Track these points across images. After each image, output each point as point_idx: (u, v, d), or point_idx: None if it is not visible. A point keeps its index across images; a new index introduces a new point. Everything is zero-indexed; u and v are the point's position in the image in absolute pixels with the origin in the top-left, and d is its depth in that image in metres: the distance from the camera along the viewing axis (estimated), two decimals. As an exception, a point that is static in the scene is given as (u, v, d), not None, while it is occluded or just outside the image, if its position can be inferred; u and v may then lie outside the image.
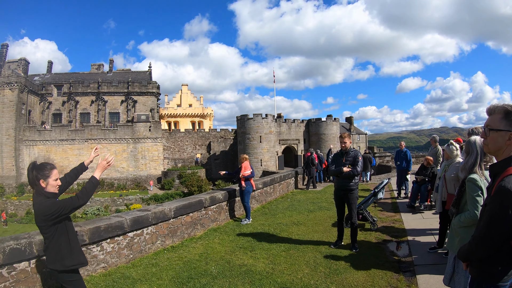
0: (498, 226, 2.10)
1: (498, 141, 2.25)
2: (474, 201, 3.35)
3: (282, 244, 6.73)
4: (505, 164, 2.21)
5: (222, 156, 54.83)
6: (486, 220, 2.17)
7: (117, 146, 50.85)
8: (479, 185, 3.32)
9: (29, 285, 4.39)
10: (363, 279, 4.91)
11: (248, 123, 48.08)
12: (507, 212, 2.05)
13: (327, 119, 51.74)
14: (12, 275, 4.22)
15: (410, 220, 8.42)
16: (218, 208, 8.61)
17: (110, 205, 40.88)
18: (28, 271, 4.40)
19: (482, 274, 2.33)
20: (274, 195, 12.80)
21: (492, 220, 2.13)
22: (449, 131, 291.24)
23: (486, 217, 2.19)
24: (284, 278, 5.02)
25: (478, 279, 2.37)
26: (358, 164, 6.24)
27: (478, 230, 2.25)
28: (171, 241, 6.85)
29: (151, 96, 56.95)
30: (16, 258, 4.24)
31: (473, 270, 2.41)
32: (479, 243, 2.22)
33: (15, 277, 4.25)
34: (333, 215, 9.06)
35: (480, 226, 2.24)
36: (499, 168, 2.26)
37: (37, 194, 3.18)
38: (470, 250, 2.32)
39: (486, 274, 2.30)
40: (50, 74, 59.73)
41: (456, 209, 3.57)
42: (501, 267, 2.24)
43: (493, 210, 2.13)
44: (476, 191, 3.34)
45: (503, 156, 2.25)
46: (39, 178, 3.16)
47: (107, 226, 5.39)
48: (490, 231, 2.14)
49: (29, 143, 49.38)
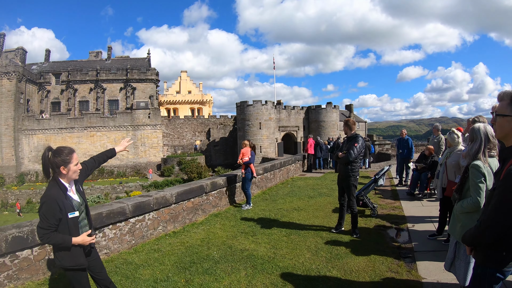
0: (506, 210, 2.12)
1: (505, 127, 2.28)
2: (477, 188, 3.36)
3: (283, 229, 6.77)
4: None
5: (221, 143, 54.85)
6: (495, 204, 2.18)
7: (116, 134, 50.71)
8: (483, 172, 3.32)
9: (32, 273, 4.42)
10: (364, 264, 4.95)
11: (248, 109, 47.95)
12: None
13: (327, 107, 51.60)
14: (15, 263, 4.23)
15: (410, 208, 8.46)
16: (219, 194, 8.64)
17: (110, 192, 41.00)
18: (31, 259, 4.41)
19: (487, 259, 2.35)
20: (274, 181, 12.84)
21: (501, 204, 2.14)
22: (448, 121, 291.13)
23: (495, 201, 2.20)
24: (286, 263, 5.06)
25: (483, 264, 2.39)
26: (352, 149, 6.24)
27: (487, 214, 2.26)
28: (173, 226, 6.89)
29: (150, 83, 56.58)
30: (19, 246, 4.24)
31: (477, 255, 2.43)
32: (487, 226, 2.23)
33: (18, 265, 4.27)
34: (333, 201, 9.11)
35: (489, 210, 2.25)
36: (508, 153, 2.27)
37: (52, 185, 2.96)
38: (476, 235, 2.33)
39: (491, 259, 2.32)
40: (48, 62, 59.17)
41: (459, 195, 3.59)
42: (506, 252, 2.27)
43: (503, 194, 2.14)
44: (479, 177, 3.35)
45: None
46: (59, 165, 2.94)
47: (109, 212, 5.40)
48: (498, 215, 2.16)
49: (28, 132, 49.16)
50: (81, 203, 3.11)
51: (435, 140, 10.00)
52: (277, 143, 49.77)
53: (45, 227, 2.81)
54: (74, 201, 3.02)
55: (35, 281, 4.41)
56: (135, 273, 4.79)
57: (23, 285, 4.28)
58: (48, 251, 4.58)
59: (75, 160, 3.03)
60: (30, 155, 48.86)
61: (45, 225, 2.81)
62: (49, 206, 2.83)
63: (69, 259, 2.96)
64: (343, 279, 4.49)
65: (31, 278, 4.40)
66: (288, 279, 4.52)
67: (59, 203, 2.85)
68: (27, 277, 4.36)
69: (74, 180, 3.11)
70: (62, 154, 2.97)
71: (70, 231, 2.94)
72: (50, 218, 2.81)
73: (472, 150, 3.40)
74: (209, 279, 4.56)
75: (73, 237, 2.93)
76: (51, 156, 2.96)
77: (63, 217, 2.88)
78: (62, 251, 2.95)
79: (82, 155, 49.47)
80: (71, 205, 2.96)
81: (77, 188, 3.14)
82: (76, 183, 3.15)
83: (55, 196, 2.87)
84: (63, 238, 2.88)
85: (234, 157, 51.33)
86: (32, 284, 4.34)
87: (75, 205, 3.00)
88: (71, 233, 2.94)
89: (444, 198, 5.80)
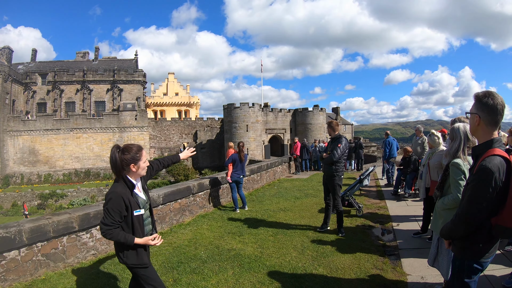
0: (478, 202, 2.25)
1: (472, 123, 2.45)
2: (457, 185, 3.48)
3: (270, 229, 6.83)
4: (485, 147, 2.37)
5: (208, 145, 54.68)
6: (469, 198, 2.31)
7: (103, 135, 50.08)
8: (462, 169, 3.45)
9: (19, 274, 4.37)
10: (350, 261, 5.05)
11: (235, 112, 47.93)
12: (488, 190, 2.21)
13: (313, 109, 51.89)
14: (2, 264, 4.18)
15: (395, 207, 8.62)
16: (205, 195, 8.66)
17: (97, 195, 40.46)
18: (19, 260, 4.36)
19: (464, 251, 2.46)
20: (261, 182, 12.90)
21: (473, 197, 2.27)
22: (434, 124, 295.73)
23: (468, 195, 2.33)
24: (273, 261, 5.12)
25: (460, 256, 2.50)
26: (336, 150, 6.35)
27: (461, 208, 2.39)
28: (160, 227, 6.87)
29: (137, 84, 56.08)
30: (6, 247, 4.18)
31: (455, 248, 2.54)
32: (461, 219, 2.35)
33: (5, 267, 4.21)
34: (319, 201, 9.21)
35: (463, 204, 2.38)
36: (480, 150, 2.41)
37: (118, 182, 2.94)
38: (452, 228, 2.45)
39: (468, 252, 2.44)
40: (35, 62, 58.06)
41: (440, 192, 3.71)
42: (482, 244, 2.39)
43: (475, 188, 2.28)
44: (459, 175, 3.47)
45: (483, 139, 2.41)
46: (129, 163, 2.92)
47: (96, 213, 5.33)
48: (471, 207, 2.29)
49: (13, 133, 47.95)
50: (146, 201, 3.12)
51: (419, 141, 10.18)
52: (264, 146, 49.85)
53: (108, 223, 2.78)
54: (140, 198, 3.01)
55: (23, 282, 4.36)
56: (123, 273, 4.77)
57: (11, 287, 4.23)
58: (35, 251, 4.55)
59: (144, 157, 3.02)
60: (15, 157, 47.76)
61: (109, 221, 2.78)
62: (115, 202, 2.81)
63: (133, 258, 2.93)
64: (330, 277, 4.57)
65: (18, 279, 4.34)
66: (275, 277, 4.57)
67: (125, 200, 2.84)
68: (14, 278, 4.30)
69: (140, 178, 3.11)
70: (131, 151, 2.94)
71: (135, 229, 2.92)
72: (114, 215, 2.79)
73: (452, 149, 3.53)
74: (197, 278, 4.59)
75: (136, 236, 2.90)
76: (120, 154, 2.93)
77: (128, 215, 2.87)
78: (127, 250, 2.92)
79: (68, 157, 48.78)
80: (137, 203, 2.95)
81: (142, 186, 3.14)
82: (142, 181, 3.14)
83: (122, 193, 2.86)
84: (125, 237, 2.84)
85: (221, 159, 51.16)
86: (19, 285, 4.29)
87: (140, 203, 2.99)
88: (135, 231, 2.93)
89: (427, 198, 5.94)
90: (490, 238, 2.38)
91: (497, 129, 2.39)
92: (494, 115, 2.33)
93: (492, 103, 2.31)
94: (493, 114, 2.33)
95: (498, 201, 2.26)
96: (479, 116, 2.37)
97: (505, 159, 2.26)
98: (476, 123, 2.40)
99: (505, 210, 2.25)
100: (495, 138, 2.36)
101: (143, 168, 3.02)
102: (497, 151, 2.28)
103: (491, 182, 2.20)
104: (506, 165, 2.24)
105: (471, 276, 2.47)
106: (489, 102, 2.32)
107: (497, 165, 2.22)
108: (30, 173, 47.54)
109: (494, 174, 2.20)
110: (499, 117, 2.34)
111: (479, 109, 2.38)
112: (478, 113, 2.37)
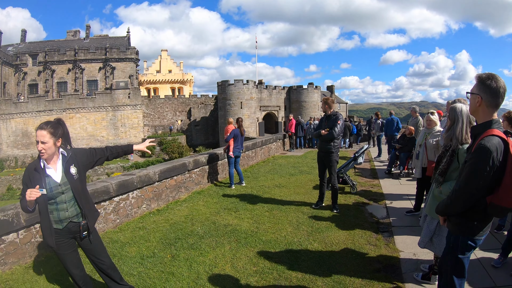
0: (475, 180, 2.29)
1: (473, 104, 2.47)
2: None
3: (265, 205, 6.93)
4: (485, 127, 2.39)
5: (202, 122, 54.48)
6: (466, 175, 2.35)
7: (96, 115, 49.41)
8: None
9: (19, 256, 4.37)
10: (344, 237, 5.15)
11: (229, 88, 47.59)
12: (485, 168, 2.25)
13: (308, 87, 51.69)
14: (1, 248, 4.17)
15: (388, 186, 8.74)
16: (201, 172, 8.69)
17: (91, 174, 40.20)
18: (17, 242, 4.35)
19: (459, 227, 2.53)
20: (256, 159, 12.97)
21: (471, 174, 2.32)
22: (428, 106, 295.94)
23: (465, 172, 2.37)
24: (269, 237, 5.21)
25: (455, 233, 2.57)
26: (336, 127, 6.38)
27: (458, 184, 2.43)
28: (157, 204, 6.93)
29: (130, 62, 55.11)
30: (4, 230, 4.16)
31: (450, 225, 2.60)
32: (458, 196, 2.40)
33: (4, 250, 4.20)
34: (314, 178, 9.30)
35: (460, 181, 2.42)
36: (479, 130, 2.44)
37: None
38: (449, 204, 2.50)
39: (463, 228, 2.50)
40: (24, 43, 56.52)
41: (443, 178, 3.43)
42: (477, 222, 2.46)
43: (472, 166, 2.32)
44: None
45: (483, 119, 2.44)
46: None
47: (93, 192, 5.30)
48: (468, 185, 2.33)
49: (5, 116, 46.91)
50: (60, 185, 2.93)
51: (414, 121, 10.26)
52: (258, 123, 49.76)
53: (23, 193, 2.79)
54: (50, 179, 2.90)
55: (22, 265, 4.36)
56: (122, 251, 4.82)
57: (11, 270, 4.22)
58: (33, 233, 4.54)
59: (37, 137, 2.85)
60: (9, 140, 46.97)
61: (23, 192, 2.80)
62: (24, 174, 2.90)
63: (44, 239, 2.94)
64: (324, 251, 4.67)
65: (18, 262, 4.35)
66: (271, 252, 4.67)
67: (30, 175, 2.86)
68: (14, 261, 4.30)
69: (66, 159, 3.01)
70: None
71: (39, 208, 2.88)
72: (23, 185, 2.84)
73: (456, 132, 3.29)
74: (195, 254, 4.66)
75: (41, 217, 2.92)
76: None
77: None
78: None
79: (62, 137, 48.25)
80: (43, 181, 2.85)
81: (66, 168, 2.99)
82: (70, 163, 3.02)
83: (29, 167, 2.91)
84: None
85: (215, 137, 51.10)
86: (19, 268, 4.29)
87: (48, 183, 2.87)
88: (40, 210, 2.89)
89: (423, 178, 5.94)
90: (485, 216, 2.45)
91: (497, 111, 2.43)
92: (496, 98, 2.36)
93: (495, 85, 2.34)
94: (495, 96, 2.36)
95: (494, 181, 2.30)
96: (481, 97, 2.39)
97: (503, 140, 2.29)
98: (478, 104, 2.42)
99: (500, 189, 2.30)
100: (494, 119, 2.39)
101: (40, 149, 2.84)
102: (496, 132, 2.31)
103: (489, 161, 2.24)
104: (504, 146, 2.28)
105: (464, 253, 2.54)
106: (492, 84, 2.34)
107: (495, 145, 2.25)
108: (24, 156, 46.87)
109: (492, 153, 2.23)
110: (500, 99, 2.36)
111: (481, 90, 2.39)
112: (480, 94, 2.39)
